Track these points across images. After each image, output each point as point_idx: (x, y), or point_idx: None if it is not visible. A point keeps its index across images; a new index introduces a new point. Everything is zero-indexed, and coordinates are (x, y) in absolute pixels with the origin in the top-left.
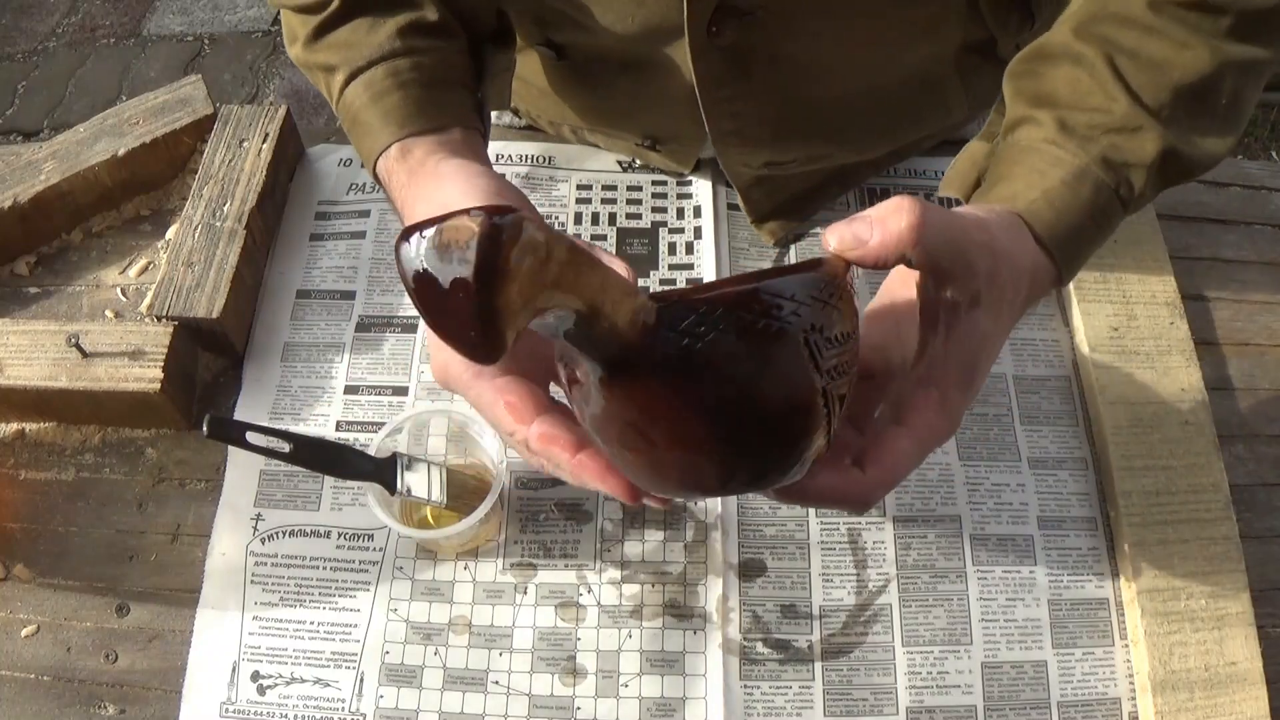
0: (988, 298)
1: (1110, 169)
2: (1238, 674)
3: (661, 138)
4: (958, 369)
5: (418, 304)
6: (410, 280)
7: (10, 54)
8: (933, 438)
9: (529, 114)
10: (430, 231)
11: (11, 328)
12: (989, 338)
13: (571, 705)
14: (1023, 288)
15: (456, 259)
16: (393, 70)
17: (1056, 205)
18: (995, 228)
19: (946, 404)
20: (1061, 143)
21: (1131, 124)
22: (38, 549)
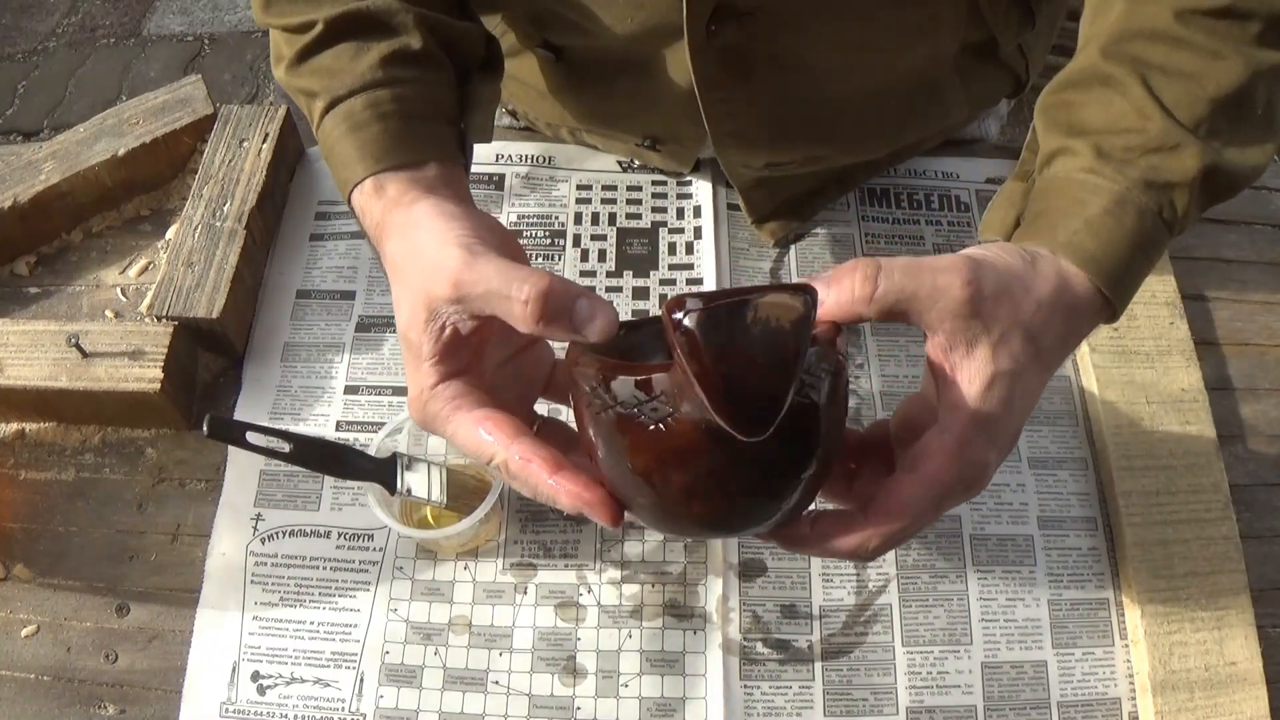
0: (990, 339)
1: (1151, 191)
2: (1238, 674)
3: (661, 138)
4: (972, 414)
5: (712, 374)
6: (710, 350)
7: (10, 54)
8: (944, 484)
9: (526, 116)
10: (750, 304)
11: (11, 328)
12: (1007, 378)
13: (571, 705)
14: (1054, 323)
15: (776, 337)
16: (373, 101)
17: (1100, 236)
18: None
19: (963, 451)
20: (1099, 170)
21: (1169, 142)
22: (38, 549)
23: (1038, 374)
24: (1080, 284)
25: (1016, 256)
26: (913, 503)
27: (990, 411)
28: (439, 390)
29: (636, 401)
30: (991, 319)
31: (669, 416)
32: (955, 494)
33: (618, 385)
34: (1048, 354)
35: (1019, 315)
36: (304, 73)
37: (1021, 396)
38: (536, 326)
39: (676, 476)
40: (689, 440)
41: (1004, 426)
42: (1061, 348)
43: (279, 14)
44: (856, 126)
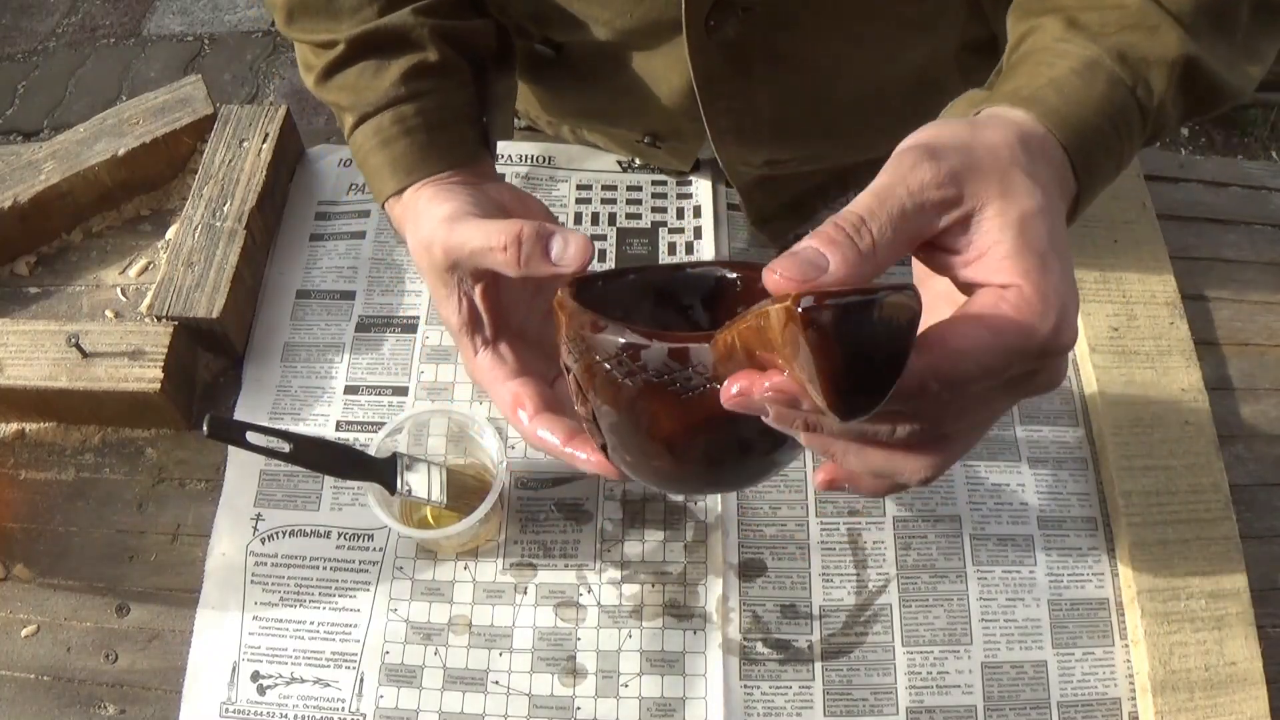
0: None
1: (1126, 64)
2: (1238, 674)
3: (662, 135)
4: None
5: (844, 371)
6: (845, 349)
7: (10, 54)
8: (1012, 323)
9: (528, 114)
10: (874, 304)
11: (11, 328)
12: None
13: (571, 705)
14: (1037, 161)
15: (893, 334)
16: (399, 117)
17: (1065, 92)
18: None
19: (1027, 288)
20: (1069, 38)
21: (1149, 21)
22: (38, 549)
23: (1056, 212)
24: (1038, 129)
25: (953, 123)
26: (986, 345)
27: (1038, 245)
28: (478, 362)
29: (669, 370)
30: (972, 176)
31: (704, 385)
32: (1034, 349)
33: (650, 354)
34: (1052, 192)
35: (998, 162)
36: (331, 89)
37: (1060, 230)
38: (520, 268)
39: (702, 442)
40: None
41: (1055, 254)
42: (1055, 186)
43: (302, 30)
44: (857, 123)
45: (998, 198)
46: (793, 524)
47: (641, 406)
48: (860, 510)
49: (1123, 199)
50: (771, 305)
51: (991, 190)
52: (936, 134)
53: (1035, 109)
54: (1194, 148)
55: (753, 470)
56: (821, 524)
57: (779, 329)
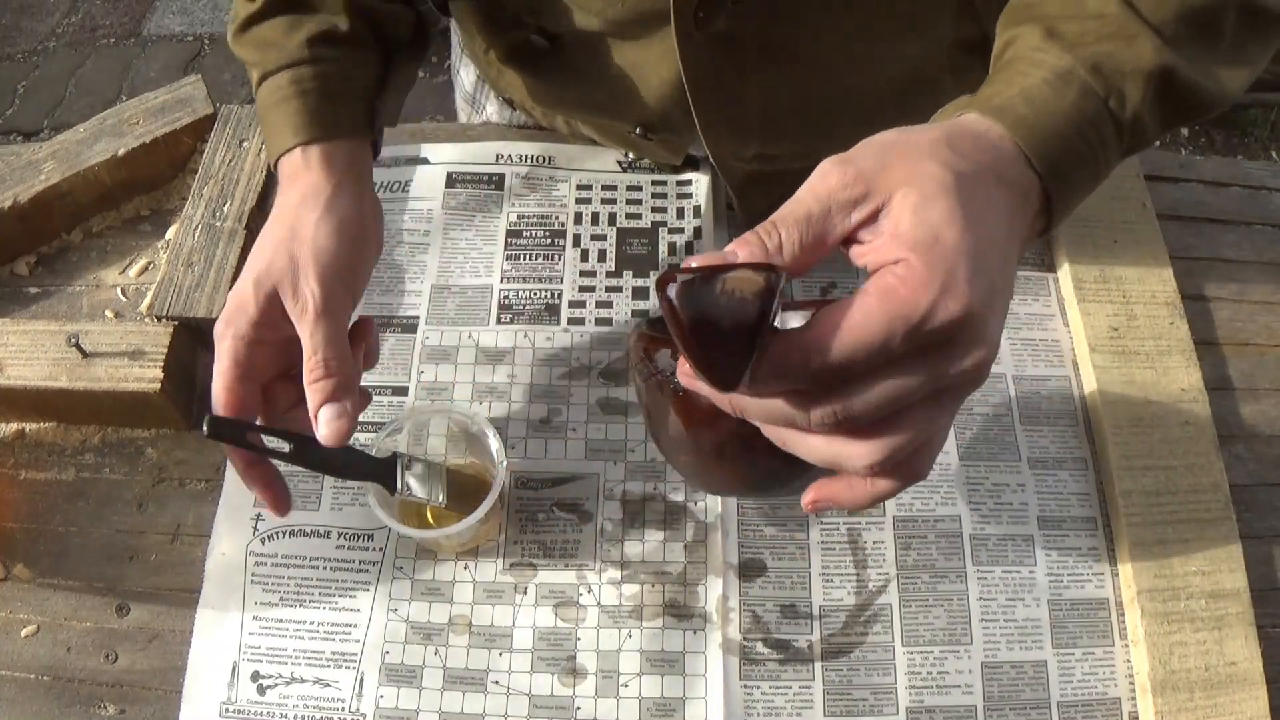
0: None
1: (1099, 75)
2: (1238, 674)
3: (653, 126)
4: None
5: (689, 337)
6: (686, 316)
7: (10, 54)
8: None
9: (523, 106)
10: (713, 280)
11: (11, 328)
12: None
13: (571, 705)
14: (961, 145)
15: (739, 306)
16: (297, 78)
17: (1035, 103)
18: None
19: (914, 259)
20: (1046, 48)
21: (1127, 31)
22: (38, 549)
23: (973, 192)
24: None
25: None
26: (862, 325)
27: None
28: (236, 345)
29: (672, 369)
30: (880, 173)
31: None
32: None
33: (660, 355)
34: (971, 176)
35: (910, 156)
36: (245, 42)
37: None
38: (308, 384)
39: (707, 436)
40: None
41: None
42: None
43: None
44: (849, 120)
45: (902, 185)
46: (793, 524)
47: (660, 405)
48: (860, 510)
49: (1123, 199)
50: None
51: (897, 180)
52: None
53: (1004, 119)
54: (1194, 148)
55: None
56: (821, 524)
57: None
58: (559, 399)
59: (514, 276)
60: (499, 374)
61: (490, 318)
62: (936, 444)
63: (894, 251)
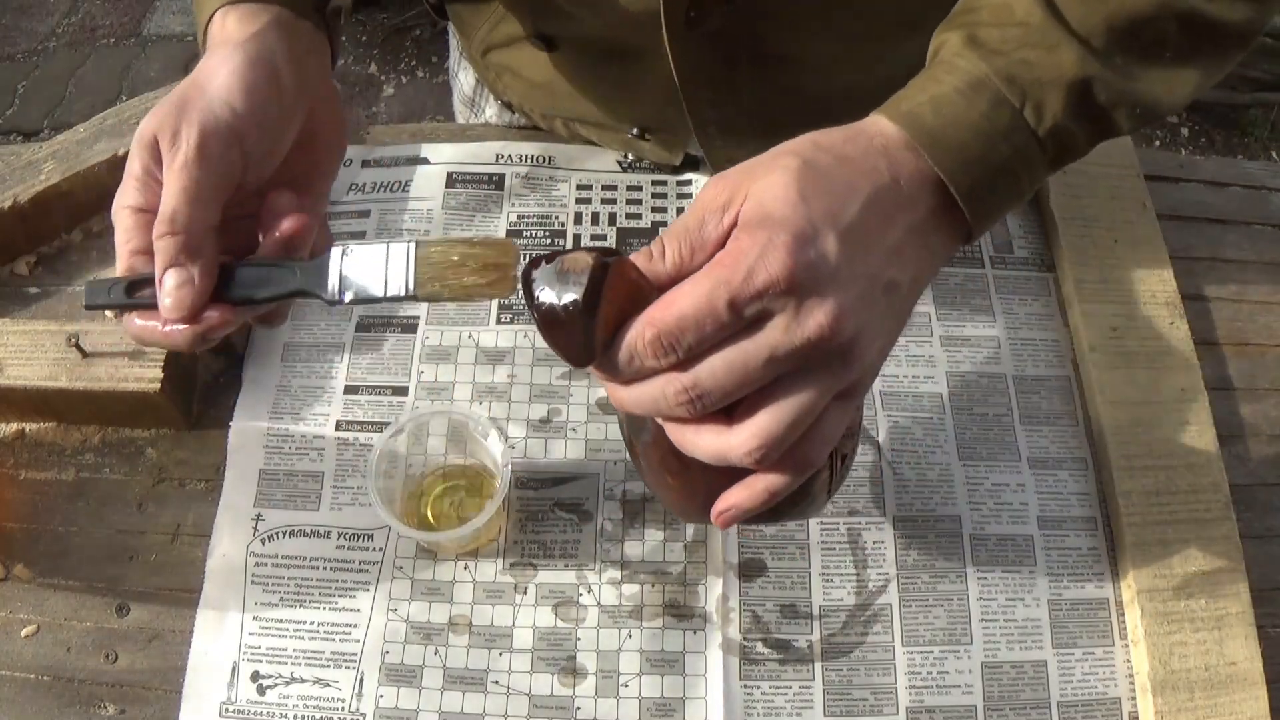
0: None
1: (1014, 85)
2: (1238, 674)
3: (650, 128)
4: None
5: (537, 315)
6: (535, 295)
7: (10, 54)
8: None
9: (521, 108)
10: (554, 261)
11: (11, 328)
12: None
13: (571, 705)
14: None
15: (573, 283)
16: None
17: (943, 113)
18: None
19: (742, 236)
20: (964, 54)
21: (1048, 40)
22: (38, 549)
23: (822, 166)
24: (894, 140)
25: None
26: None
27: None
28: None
29: None
30: (744, 178)
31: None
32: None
33: None
34: (823, 164)
35: (770, 158)
36: None
37: (810, 184)
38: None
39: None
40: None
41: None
42: (842, 164)
43: None
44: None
45: (756, 180)
46: (793, 524)
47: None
48: (860, 510)
49: (1123, 199)
50: None
51: (755, 178)
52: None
53: (909, 126)
54: (1194, 148)
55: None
56: (821, 524)
57: None
58: (559, 399)
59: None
60: (499, 374)
61: (490, 318)
62: (825, 429)
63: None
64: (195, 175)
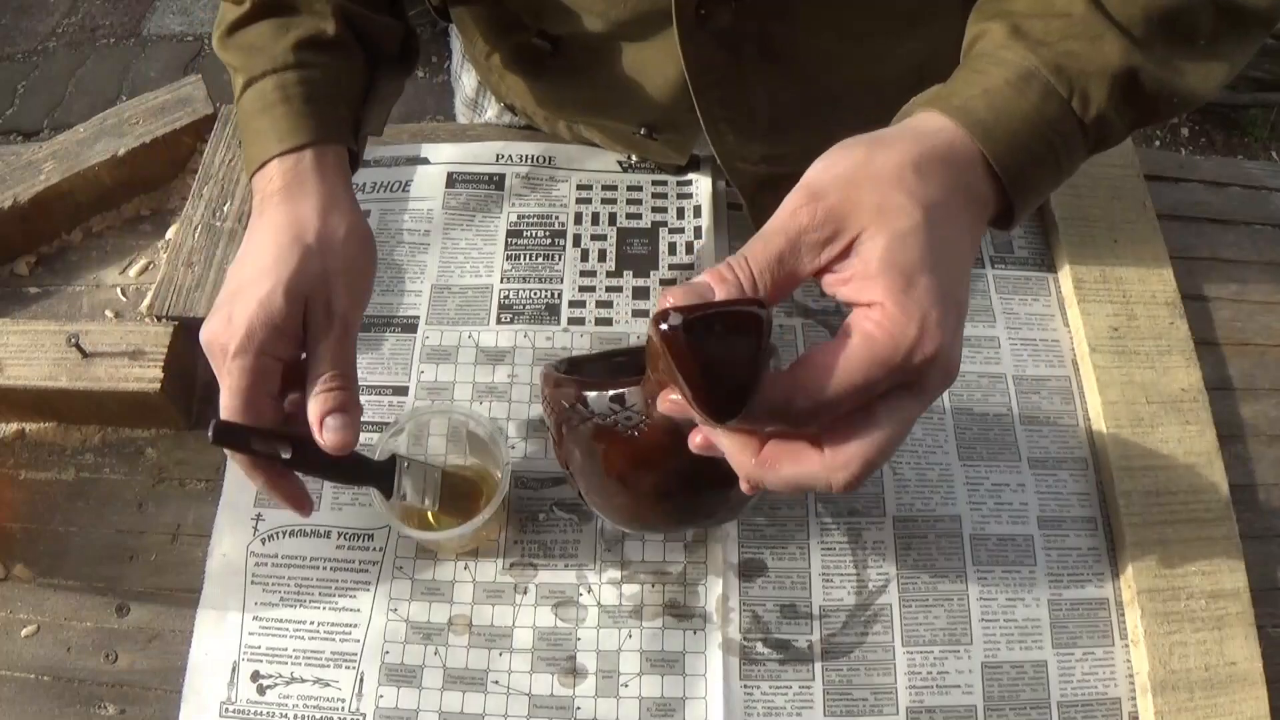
0: (864, 221)
1: (1062, 76)
2: (1238, 674)
3: (658, 126)
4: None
5: (690, 370)
6: (693, 353)
7: (10, 54)
8: (870, 339)
9: (524, 111)
10: (718, 317)
11: (11, 328)
12: (906, 234)
13: (571, 705)
14: (931, 171)
15: (739, 343)
16: (281, 84)
17: (995, 105)
18: (837, 170)
19: (889, 304)
20: (1010, 46)
21: (1092, 31)
22: (38, 549)
23: (936, 227)
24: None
25: (856, 146)
26: (846, 370)
27: (901, 267)
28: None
29: (611, 413)
30: (849, 210)
31: (641, 424)
32: (900, 361)
33: (594, 400)
34: (941, 205)
35: (878, 189)
36: (231, 48)
37: (939, 246)
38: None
39: (648, 477)
40: (658, 443)
41: (921, 281)
42: (954, 197)
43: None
44: (855, 119)
45: (870, 223)
46: (793, 524)
47: (595, 448)
48: (860, 510)
49: (1123, 199)
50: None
51: (865, 218)
52: (827, 167)
53: (963, 119)
54: (1194, 148)
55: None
56: (821, 524)
57: (653, 347)
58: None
59: (514, 276)
60: (499, 374)
61: (490, 318)
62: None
63: (867, 293)
64: (351, 342)
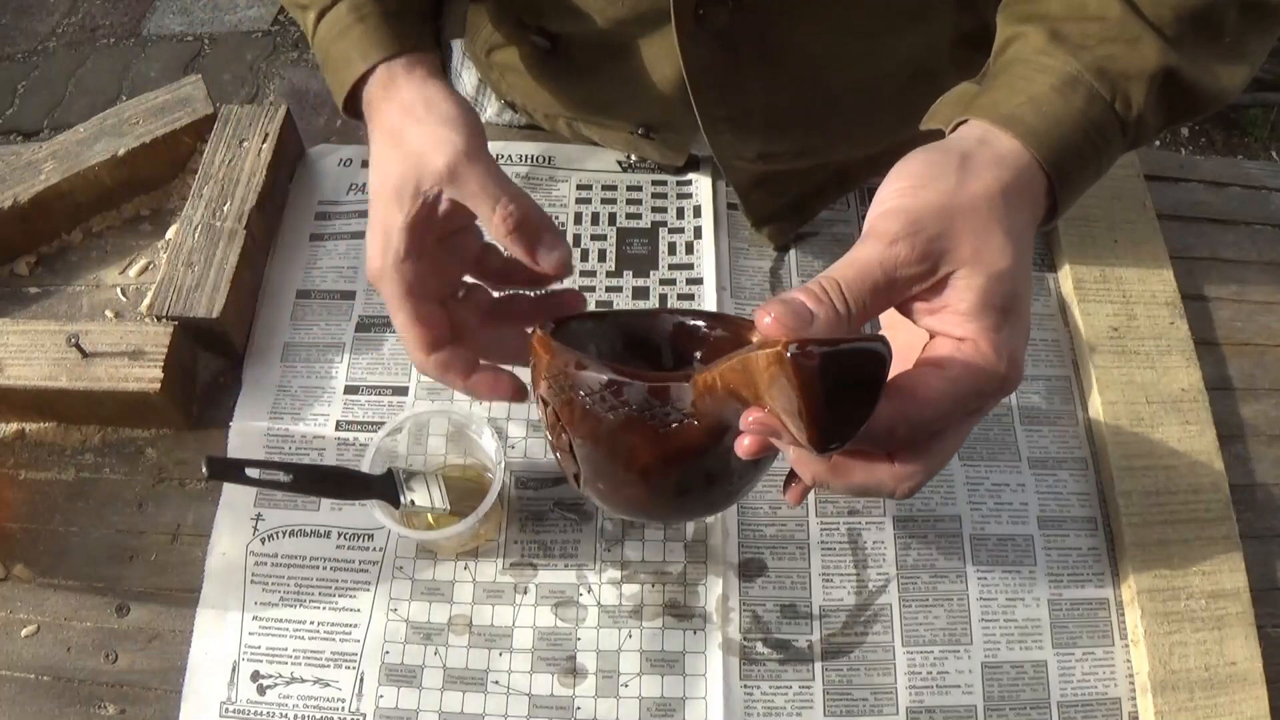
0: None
1: (1105, 79)
2: (1238, 674)
3: (655, 126)
4: (971, 313)
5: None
6: (826, 388)
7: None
8: (969, 373)
9: (524, 108)
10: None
11: (11, 328)
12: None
13: (571, 705)
14: (1016, 207)
15: (867, 378)
16: (354, 5)
17: (1044, 111)
18: (927, 198)
19: (982, 343)
20: (1051, 51)
21: (1129, 34)
22: (38, 549)
23: (1022, 261)
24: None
25: (944, 170)
26: (941, 401)
27: (998, 301)
28: (401, 268)
29: (649, 406)
30: (947, 247)
31: (682, 420)
32: (983, 383)
33: (631, 390)
34: (1025, 236)
35: (975, 221)
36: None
37: (1023, 278)
38: (505, 238)
39: (674, 474)
40: (696, 443)
41: (1016, 311)
42: (1032, 225)
43: None
44: (851, 116)
45: (969, 262)
46: (793, 524)
47: (621, 439)
48: (860, 510)
49: (1123, 199)
50: (760, 350)
51: (964, 254)
52: (920, 195)
53: (1014, 128)
54: (1194, 148)
55: (714, 500)
56: (821, 524)
57: (764, 370)
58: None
59: None
60: None
61: None
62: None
63: (960, 329)
64: (503, 178)
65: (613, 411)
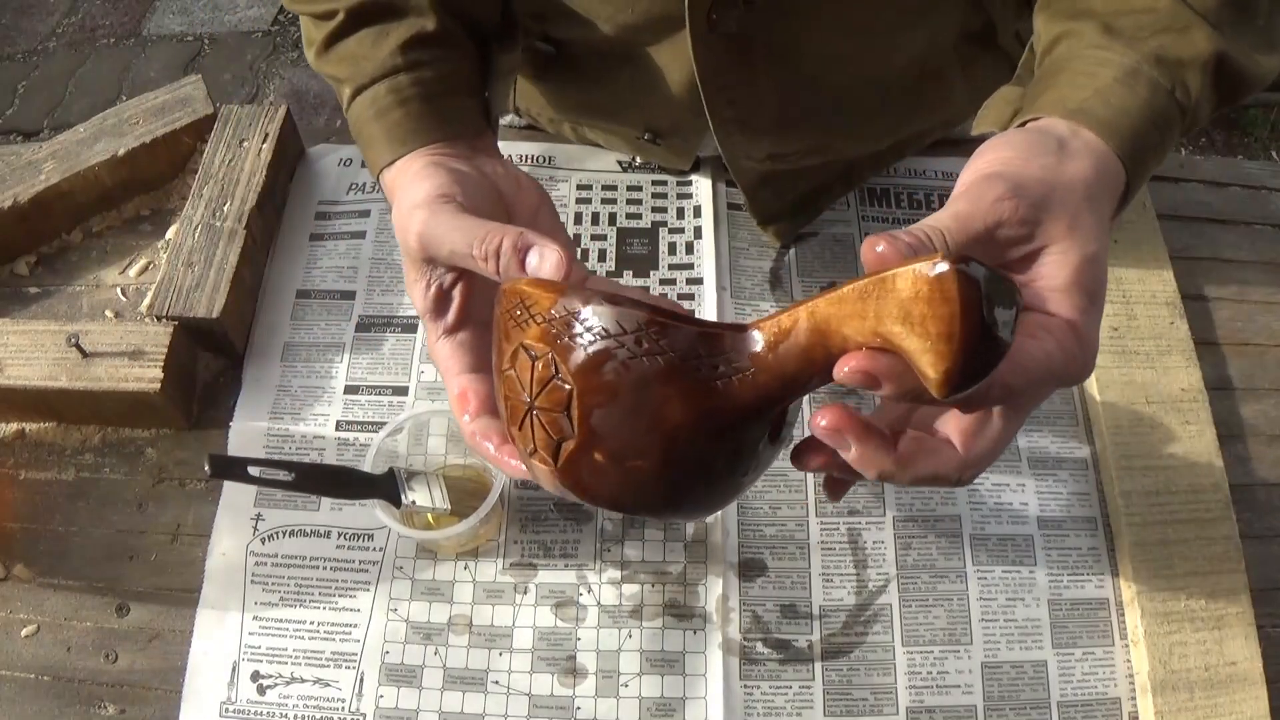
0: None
1: (1163, 68)
2: (1238, 674)
3: (662, 131)
4: (1064, 289)
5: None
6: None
7: (10, 54)
8: (1060, 349)
9: (528, 112)
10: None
11: (11, 328)
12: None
13: (571, 705)
14: (1103, 200)
15: (1014, 305)
16: (395, 87)
17: (1113, 103)
18: (1032, 172)
19: (1074, 322)
20: (1108, 45)
21: (1179, 23)
22: (38, 549)
23: (1108, 245)
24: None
25: (1045, 145)
26: (1032, 373)
27: (1082, 283)
28: (438, 347)
29: (694, 355)
30: (1046, 218)
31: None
32: (1071, 373)
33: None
34: (1108, 227)
35: (1071, 201)
36: (331, 60)
37: (1105, 268)
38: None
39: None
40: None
41: (1099, 296)
42: (1110, 220)
43: (304, 2)
44: (860, 114)
45: (1064, 238)
46: (793, 524)
47: (653, 392)
48: (860, 510)
49: None
50: (904, 268)
51: (1060, 230)
52: (1023, 166)
53: (1085, 121)
54: (1194, 148)
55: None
56: (821, 524)
57: (909, 287)
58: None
59: None
60: None
61: None
62: None
63: (1052, 304)
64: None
65: (648, 357)
